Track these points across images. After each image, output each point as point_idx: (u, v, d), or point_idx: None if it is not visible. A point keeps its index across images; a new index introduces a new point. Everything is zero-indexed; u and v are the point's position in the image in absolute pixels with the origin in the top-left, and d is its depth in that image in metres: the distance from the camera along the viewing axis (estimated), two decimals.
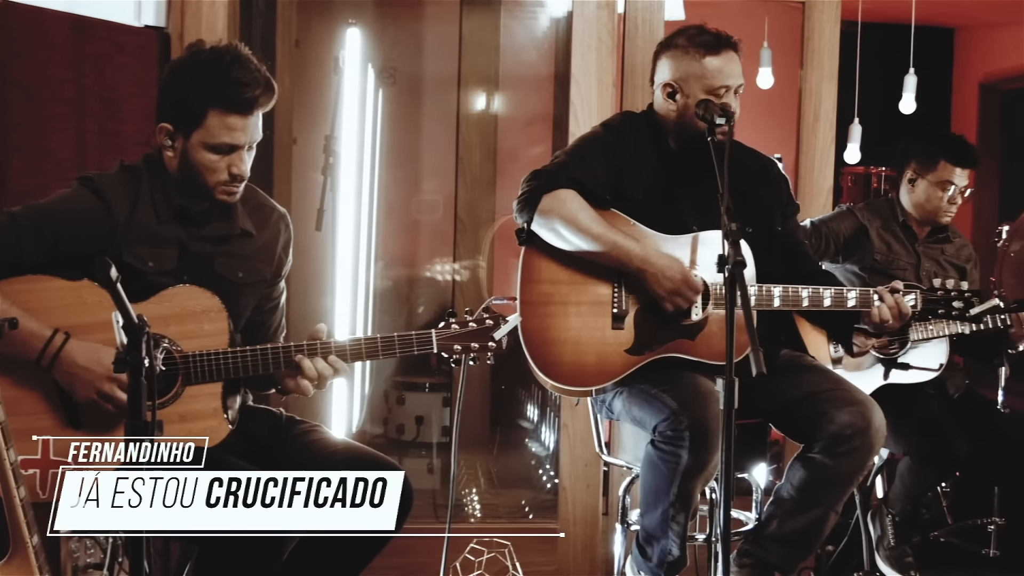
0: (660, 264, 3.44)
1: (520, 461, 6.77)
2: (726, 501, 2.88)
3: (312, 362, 3.10)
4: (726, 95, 3.53)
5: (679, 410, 3.35)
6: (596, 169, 3.54)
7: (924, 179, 4.56)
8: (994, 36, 8.27)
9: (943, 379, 4.50)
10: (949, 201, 4.53)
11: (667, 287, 3.43)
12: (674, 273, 3.43)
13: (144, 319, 2.50)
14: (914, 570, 4.53)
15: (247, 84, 3.05)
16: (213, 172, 3.09)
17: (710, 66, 3.54)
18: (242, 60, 3.09)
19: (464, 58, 6.75)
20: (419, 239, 7.10)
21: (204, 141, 3.06)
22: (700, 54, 3.55)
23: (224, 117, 3.04)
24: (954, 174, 4.53)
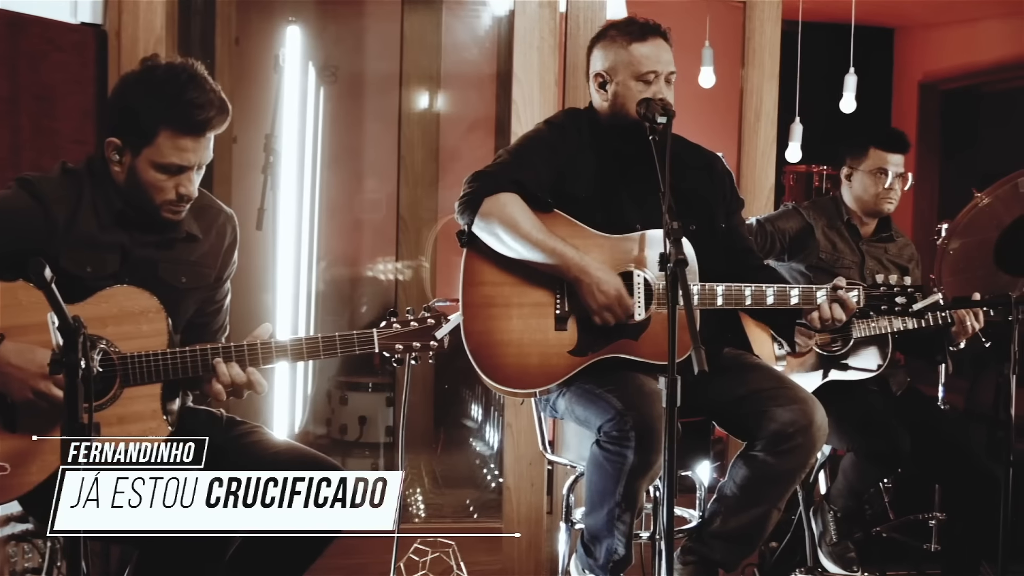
0: (597, 277, 3.44)
1: (464, 460, 6.76)
2: (669, 499, 2.89)
3: (227, 367, 3.06)
4: (656, 81, 3.54)
5: (624, 410, 3.35)
6: (539, 169, 3.53)
7: (858, 170, 4.59)
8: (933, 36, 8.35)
9: (885, 376, 4.52)
10: (887, 188, 4.56)
11: (600, 301, 3.43)
12: (609, 288, 3.43)
13: (80, 320, 2.47)
14: (856, 565, 4.56)
15: (201, 106, 2.99)
16: (160, 191, 3.04)
17: (637, 52, 3.55)
18: (198, 80, 3.03)
19: (406, 56, 6.73)
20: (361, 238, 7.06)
21: (153, 160, 3.01)
22: (627, 41, 3.57)
23: (176, 139, 2.99)
24: (886, 160, 4.56)
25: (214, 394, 3.08)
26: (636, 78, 3.55)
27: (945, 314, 4.31)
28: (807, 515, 4.55)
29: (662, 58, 3.57)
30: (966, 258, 5.06)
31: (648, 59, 3.55)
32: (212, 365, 3.04)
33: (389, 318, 3.14)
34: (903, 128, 5.39)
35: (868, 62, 6.51)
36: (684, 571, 3.64)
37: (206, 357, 3.04)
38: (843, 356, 4.42)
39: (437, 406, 6.93)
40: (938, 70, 8.27)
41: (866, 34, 6.52)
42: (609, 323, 3.45)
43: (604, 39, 3.65)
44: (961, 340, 4.34)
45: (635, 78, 3.55)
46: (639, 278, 3.49)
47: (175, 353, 3.01)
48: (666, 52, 3.59)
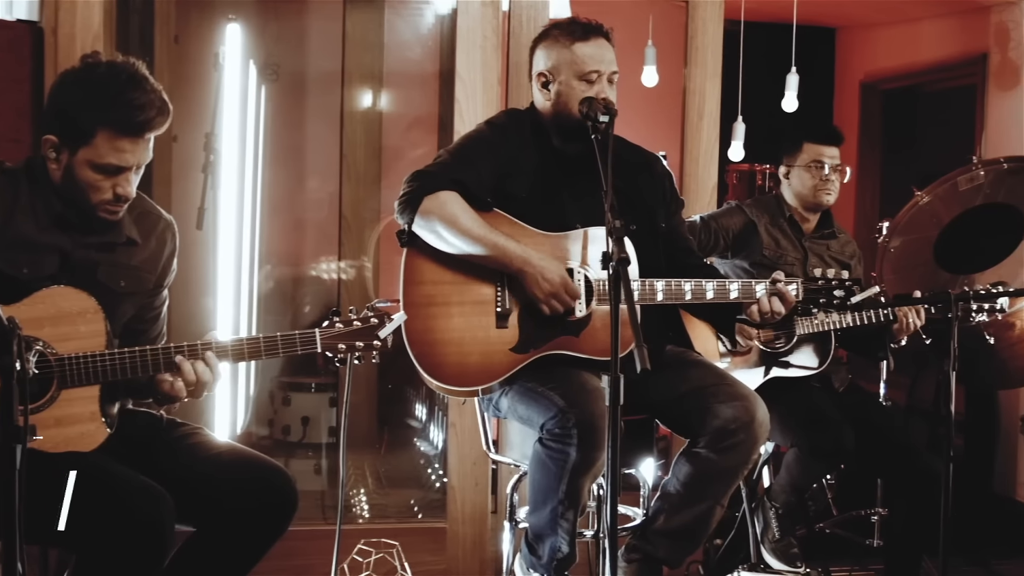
0: (540, 266, 3.44)
1: (408, 460, 6.75)
2: (613, 497, 2.88)
3: (192, 364, 3.03)
4: (598, 80, 3.55)
5: (566, 408, 3.35)
6: (479, 169, 3.52)
7: (795, 167, 4.63)
8: (874, 36, 8.41)
9: (828, 373, 4.56)
10: (824, 180, 4.59)
11: (545, 289, 3.43)
12: (553, 276, 3.44)
13: (15, 321, 2.43)
14: (800, 561, 4.58)
15: (141, 107, 2.95)
16: (97, 191, 3.00)
17: (579, 52, 3.56)
18: (138, 80, 2.99)
19: (348, 55, 6.71)
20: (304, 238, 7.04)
21: (90, 160, 2.97)
22: (570, 41, 3.58)
23: (114, 139, 2.95)
24: (821, 152, 4.60)
25: (176, 393, 3.04)
26: (579, 77, 3.56)
27: (887, 311, 4.34)
28: (750, 512, 4.57)
29: (605, 58, 3.58)
30: (907, 256, 5.10)
31: (591, 59, 3.56)
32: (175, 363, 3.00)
33: (332, 318, 3.12)
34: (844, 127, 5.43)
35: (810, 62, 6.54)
36: (628, 569, 3.65)
37: (145, 358, 3.01)
38: (786, 353, 4.45)
39: (381, 406, 6.91)
40: (879, 70, 8.33)
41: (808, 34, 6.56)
42: (557, 310, 3.45)
43: (547, 39, 3.65)
44: (902, 337, 4.38)
45: (578, 77, 3.56)
46: (579, 275, 3.50)
47: (113, 355, 2.98)
48: (608, 52, 3.60)
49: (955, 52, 7.31)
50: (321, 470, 6.33)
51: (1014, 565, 5.18)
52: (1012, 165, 5.08)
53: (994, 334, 4.58)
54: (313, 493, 6.03)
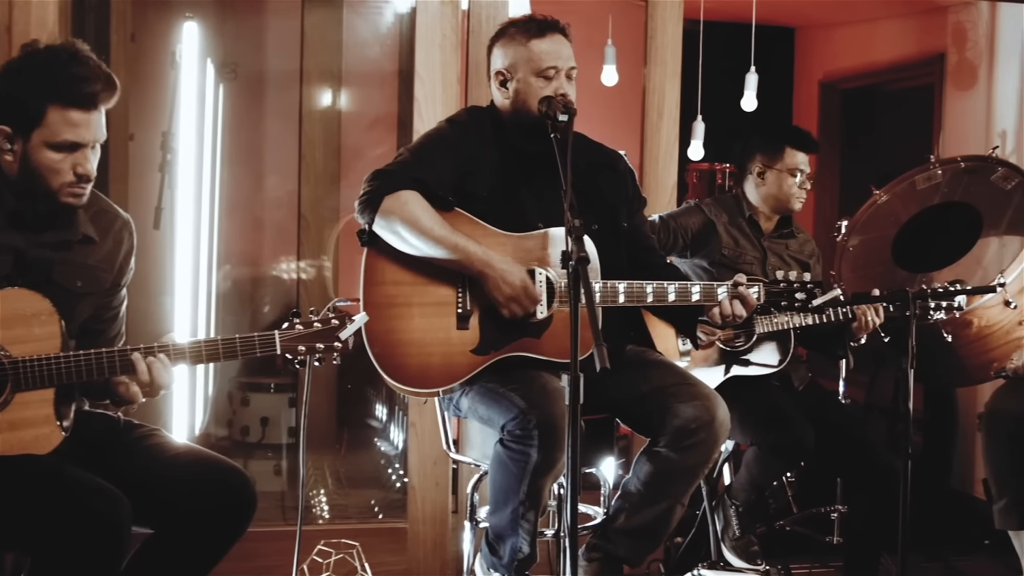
0: (501, 269, 3.43)
1: (369, 460, 6.73)
2: (573, 496, 2.88)
3: (148, 365, 3.00)
4: (556, 77, 3.55)
5: (527, 409, 3.34)
6: (439, 168, 3.51)
7: (773, 169, 4.63)
8: (833, 36, 8.46)
9: (787, 372, 4.57)
10: (800, 187, 4.61)
11: (506, 293, 3.42)
12: (514, 279, 3.43)
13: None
14: (760, 559, 4.60)
15: (86, 79, 2.94)
16: (57, 173, 2.97)
17: (537, 49, 3.55)
18: (80, 56, 2.99)
19: (306, 54, 6.68)
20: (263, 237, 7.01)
21: (46, 140, 2.94)
22: (527, 38, 3.57)
23: (65, 112, 2.93)
24: (799, 160, 4.62)
25: (131, 396, 3.02)
26: (536, 74, 3.55)
27: (846, 310, 4.36)
28: (711, 510, 4.58)
29: (562, 53, 3.57)
30: (865, 254, 5.13)
31: (548, 55, 3.55)
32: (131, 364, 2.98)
33: (292, 319, 3.10)
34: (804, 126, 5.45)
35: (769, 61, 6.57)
36: (589, 568, 3.65)
37: (100, 361, 2.98)
38: (746, 352, 4.46)
39: (340, 406, 6.89)
40: (837, 69, 8.38)
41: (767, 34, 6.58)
42: (517, 314, 3.44)
43: (504, 37, 3.65)
44: (862, 335, 4.39)
45: (535, 74, 3.55)
46: (541, 276, 3.49)
47: (68, 357, 2.95)
48: (566, 48, 3.59)
49: (913, 52, 7.36)
50: (281, 471, 6.31)
51: (972, 561, 5.21)
52: (969, 164, 5.11)
53: (952, 332, 4.61)
54: (273, 494, 6.01)
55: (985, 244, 4.84)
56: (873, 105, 8.51)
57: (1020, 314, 4.62)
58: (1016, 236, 4.71)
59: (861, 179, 5.69)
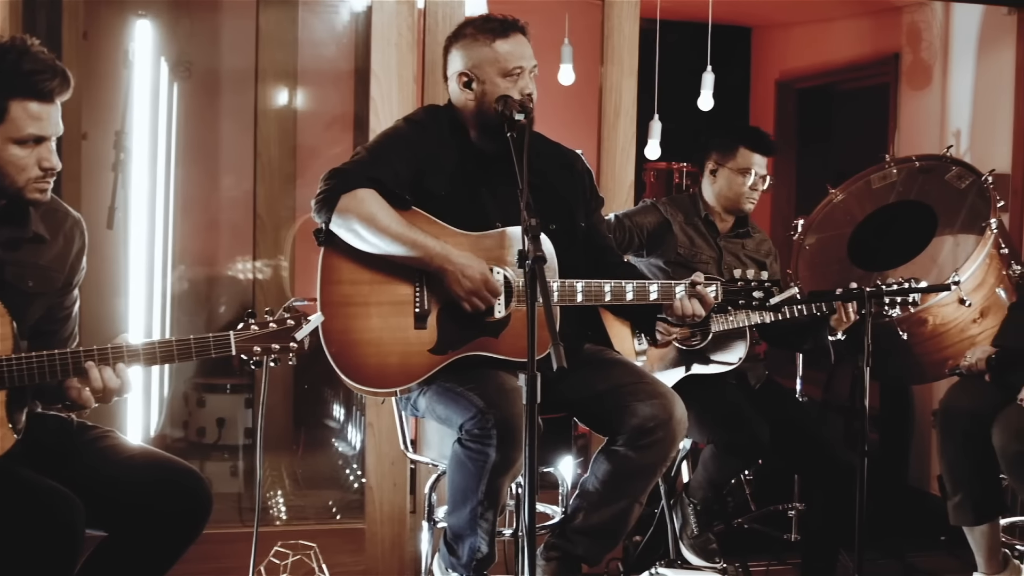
0: (460, 263, 3.42)
1: (326, 461, 6.71)
2: (531, 495, 2.88)
3: (99, 370, 2.97)
4: (522, 77, 3.55)
5: (485, 408, 3.34)
6: (396, 166, 3.50)
7: (725, 167, 4.64)
8: (789, 35, 8.50)
9: (744, 370, 4.58)
10: (751, 187, 4.62)
11: (466, 287, 3.42)
12: (473, 273, 3.42)
13: None
14: (718, 557, 4.61)
15: (42, 72, 2.92)
16: (22, 169, 2.94)
17: (501, 49, 3.55)
18: (31, 53, 2.96)
19: (262, 52, 6.63)
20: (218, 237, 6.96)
21: (11, 136, 2.91)
22: (490, 39, 3.56)
23: (26, 104, 2.90)
24: (753, 160, 4.62)
25: (83, 401, 2.99)
26: (503, 75, 3.55)
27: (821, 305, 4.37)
28: (669, 508, 4.59)
29: (525, 53, 3.59)
30: (821, 253, 5.16)
31: (513, 55, 3.55)
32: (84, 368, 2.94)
33: (247, 319, 3.08)
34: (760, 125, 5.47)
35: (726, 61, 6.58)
36: (547, 567, 3.65)
37: (53, 363, 2.94)
38: (703, 350, 4.47)
39: (297, 406, 6.86)
40: (794, 69, 8.42)
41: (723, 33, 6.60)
42: (479, 308, 3.44)
43: (464, 38, 3.63)
44: (840, 329, 4.40)
45: (502, 75, 3.55)
46: (499, 275, 3.48)
47: (20, 359, 2.91)
48: (528, 47, 3.60)
49: (868, 52, 7.41)
50: (237, 472, 6.27)
51: (928, 557, 5.25)
52: (924, 163, 5.16)
53: (907, 330, 4.64)
54: (229, 495, 5.98)
55: (940, 243, 4.87)
56: (829, 104, 8.56)
57: (974, 312, 4.66)
58: (970, 235, 4.75)
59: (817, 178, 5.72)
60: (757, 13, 8.30)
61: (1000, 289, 4.69)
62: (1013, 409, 3.94)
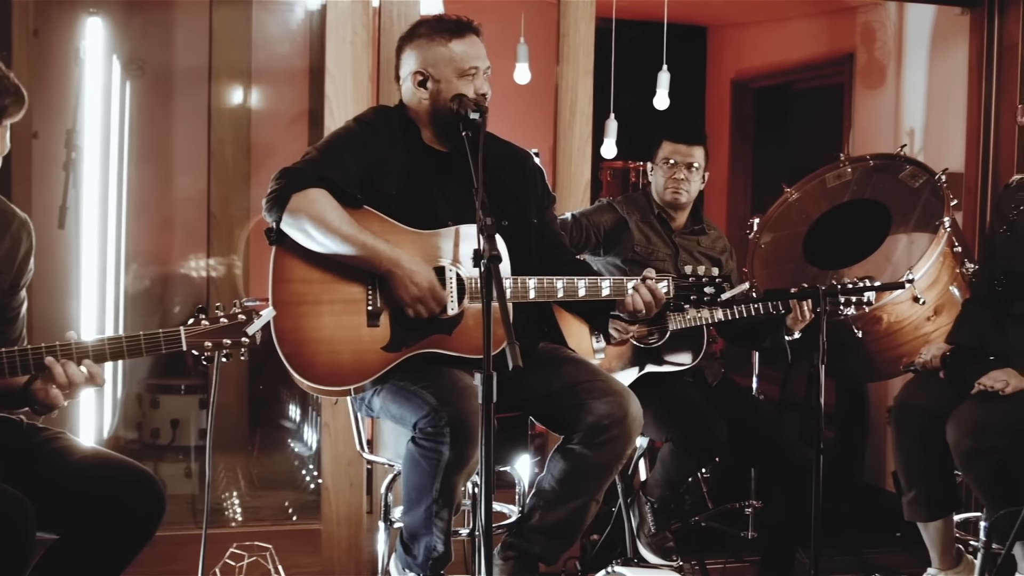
0: (410, 269, 3.42)
1: (282, 462, 6.69)
2: (487, 495, 2.87)
3: (63, 366, 2.94)
4: (477, 77, 3.56)
5: (439, 406, 3.34)
6: (348, 166, 3.49)
7: (655, 164, 4.68)
8: (745, 35, 8.53)
9: (701, 368, 4.60)
10: (672, 178, 4.62)
11: (413, 293, 3.41)
12: (421, 280, 3.42)
13: None
14: (675, 555, 4.62)
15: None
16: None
17: (457, 50, 3.56)
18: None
19: (215, 50, 6.60)
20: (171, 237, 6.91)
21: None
22: (445, 39, 3.57)
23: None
24: (673, 150, 4.64)
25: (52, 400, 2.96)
26: (459, 75, 3.56)
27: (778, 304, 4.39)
28: (626, 506, 4.59)
29: (480, 53, 3.60)
30: (777, 251, 5.18)
31: (469, 55, 3.56)
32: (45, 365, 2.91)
33: (198, 315, 3.07)
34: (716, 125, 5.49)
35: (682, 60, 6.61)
36: (504, 567, 3.65)
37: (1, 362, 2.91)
38: (660, 348, 4.48)
39: (252, 407, 6.83)
40: (749, 68, 8.45)
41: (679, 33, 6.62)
42: (422, 315, 3.43)
43: (418, 38, 3.63)
44: (797, 328, 4.42)
45: (458, 75, 3.56)
46: (451, 273, 3.48)
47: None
48: (482, 48, 3.62)
49: (823, 51, 7.45)
50: (191, 473, 6.24)
51: (884, 553, 5.28)
52: (878, 162, 5.19)
53: (862, 328, 4.67)
54: (183, 497, 5.95)
55: (894, 241, 4.90)
56: (784, 103, 8.60)
57: (928, 310, 4.69)
58: (924, 233, 4.78)
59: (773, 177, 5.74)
60: (713, 13, 8.33)
61: (954, 287, 4.72)
62: (967, 406, 3.97)
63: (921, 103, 6.35)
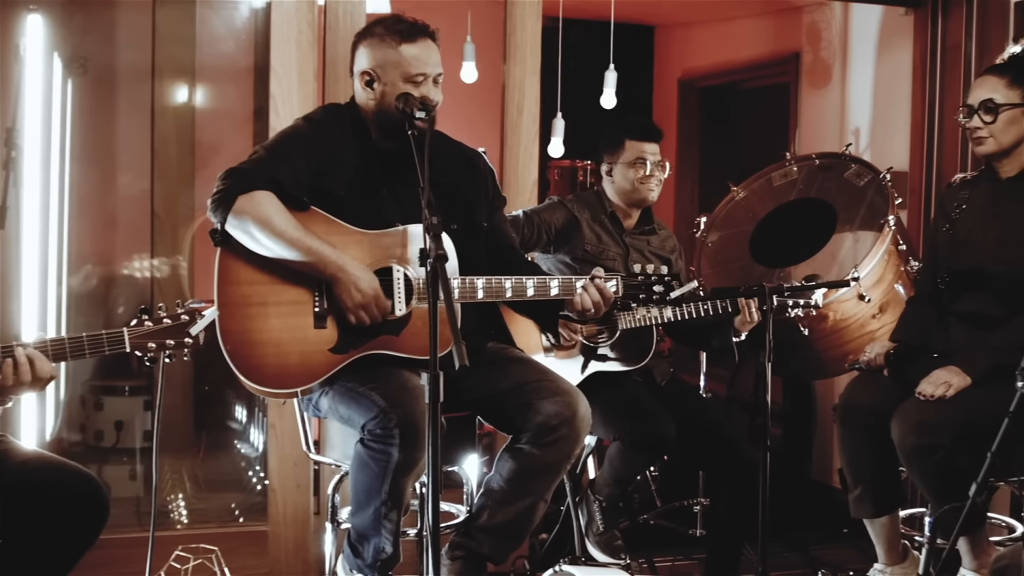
0: (355, 275, 3.40)
1: (228, 463, 6.65)
2: (435, 494, 2.87)
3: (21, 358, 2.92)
4: (424, 83, 3.53)
5: (387, 407, 3.33)
6: (295, 166, 3.47)
7: (618, 164, 4.67)
8: (692, 34, 8.57)
9: (649, 367, 4.60)
10: (648, 176, 4.63)
11: (356, 299, 3.40)
12: (365, 287, 3.40)
13: None
14: (624, 553, 4.63)
15: None
16: None
17: (406, 53, 3.53)
18: None
19: (158, 48, 6.55)
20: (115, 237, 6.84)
21: None
22: (396, 42, 3.54)
23: None
24: (643, 150, 4.64)
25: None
26: (405, 79, 3.54)
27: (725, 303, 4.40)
28: (574, 505, 4.59)
29: (431, 59, 3.57)
30: (724, 250, 5.19)
31: (418, 60, 3.54)
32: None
33: (141, 316, 3.05)
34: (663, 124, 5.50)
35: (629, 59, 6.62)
36: (452, 567, 3.65)
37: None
38: (609, 348, 4.48)
39: (198, 408, 6.78)
40: (696, 67, 8.49)
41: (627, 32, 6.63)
42: (364, 322, 3.42)
43: (371, 36, 3.61)
44: (745, 329, 4.43)
45: (404, 79, 3.54)
46: (399, 273, 3.47)
47: None
48: (435, 53, 3.59)
49: (769, 51, 7.49)
50: (136, 476, 6.18)
51: (831, 550, 5.31)
52: (824, 161, 5.22)
53: (808, 326, 4.68)
54: (128, 499, 5.90)
55: (840, 239, 4.93)
56: (731, 103, 8.64)
57: (874, 308, 4.72)
58: (869, 231, 4.81)
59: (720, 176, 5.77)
60: (660, 12, 8.36)
61: (899, 285, 4.76)
62: (911, 403, 3.99)
63: (866, 102, 6.40)
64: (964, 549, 4.10)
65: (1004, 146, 4.08)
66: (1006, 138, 4.07)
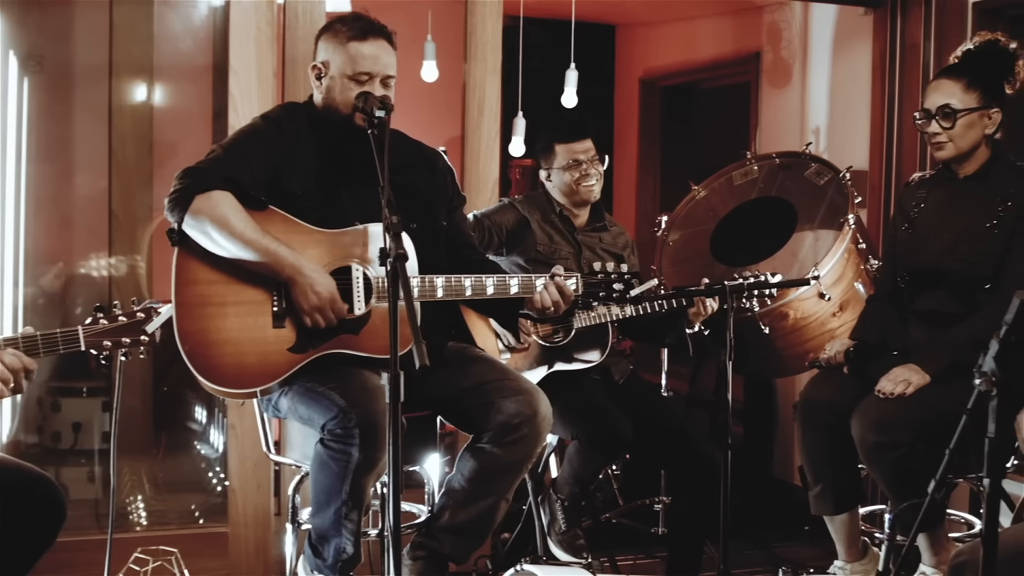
0: (312, 278, 3.39)
1: (189, 464, 6.61)
2: (396, 494, 2.86)
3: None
4: (369, 83, 3.53)
5: (347, 407, 3.33)
6: (253, 165, 3.45)
7: (553, 169, 4.67)
8: (653, 34, 8.58)
9: (608, 365, 4.60)
10: (583, 175, 4.62)
11: (312, 302, 3.39)
12: (322, 290, 3.40)
13: None
14: (586, 552, 4.63)
15: None
16: None
17: (353, 51, 3.54)
18: None
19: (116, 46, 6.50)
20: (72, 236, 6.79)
21: None
22: (347, 38, 3.56)
23: None
24: (572, 151, 4.63)
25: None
26: (348, 76, 3.55)
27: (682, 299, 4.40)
28: (536, 504, 4.58)
29: (380, 60, 3.56)
30: (685, 249, 5.20)
31: (363, 59, 3.54)
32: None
33: (96, 314, 3.03)
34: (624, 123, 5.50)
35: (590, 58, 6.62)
36: (414, 567, 3.64)
37: None
38: (566, 347, 4.48)
39: (157, 409, 6.73)
40: (657, 67, 8.50)
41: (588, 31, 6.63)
42: (320, 325, 3.41)
43: (329, 31, 3.63)
44: (697, 322, 4.43)
45: (348, 76, 3.55)
46: (358, 272, 3.47)
47: None
48: (387, 55, 3.58)
49: (730, 50, 7.51)
50: (94, 477, 6.13)
51: (793, 547, 5.34)
52: (784, 160, 5.23)
53: (769, 324, 4.70)
54: (86, 501, 5.85)
55: (800, 238, 4.95)
56: (692, 102, 8.66)
57: (834, 306, 4.74)
58: (829, 230, 4.83)
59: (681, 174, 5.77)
60: (621, 11, 8.37)
61: (858, 283, 4.78)
62: (871, 400, 4.01)
63: (826, 102, 6.42)
64: (924, 546, 4.13)
65: (963, 150, 4.09)
66: (964, 142, 4.08)
